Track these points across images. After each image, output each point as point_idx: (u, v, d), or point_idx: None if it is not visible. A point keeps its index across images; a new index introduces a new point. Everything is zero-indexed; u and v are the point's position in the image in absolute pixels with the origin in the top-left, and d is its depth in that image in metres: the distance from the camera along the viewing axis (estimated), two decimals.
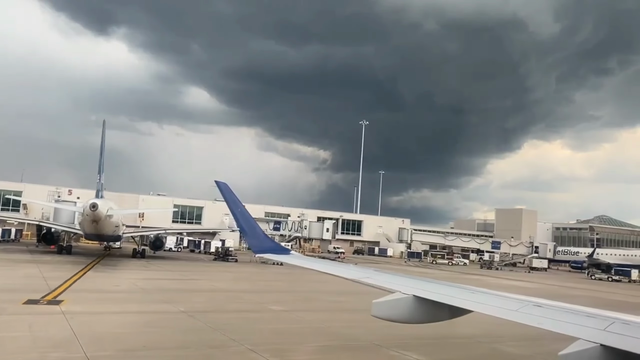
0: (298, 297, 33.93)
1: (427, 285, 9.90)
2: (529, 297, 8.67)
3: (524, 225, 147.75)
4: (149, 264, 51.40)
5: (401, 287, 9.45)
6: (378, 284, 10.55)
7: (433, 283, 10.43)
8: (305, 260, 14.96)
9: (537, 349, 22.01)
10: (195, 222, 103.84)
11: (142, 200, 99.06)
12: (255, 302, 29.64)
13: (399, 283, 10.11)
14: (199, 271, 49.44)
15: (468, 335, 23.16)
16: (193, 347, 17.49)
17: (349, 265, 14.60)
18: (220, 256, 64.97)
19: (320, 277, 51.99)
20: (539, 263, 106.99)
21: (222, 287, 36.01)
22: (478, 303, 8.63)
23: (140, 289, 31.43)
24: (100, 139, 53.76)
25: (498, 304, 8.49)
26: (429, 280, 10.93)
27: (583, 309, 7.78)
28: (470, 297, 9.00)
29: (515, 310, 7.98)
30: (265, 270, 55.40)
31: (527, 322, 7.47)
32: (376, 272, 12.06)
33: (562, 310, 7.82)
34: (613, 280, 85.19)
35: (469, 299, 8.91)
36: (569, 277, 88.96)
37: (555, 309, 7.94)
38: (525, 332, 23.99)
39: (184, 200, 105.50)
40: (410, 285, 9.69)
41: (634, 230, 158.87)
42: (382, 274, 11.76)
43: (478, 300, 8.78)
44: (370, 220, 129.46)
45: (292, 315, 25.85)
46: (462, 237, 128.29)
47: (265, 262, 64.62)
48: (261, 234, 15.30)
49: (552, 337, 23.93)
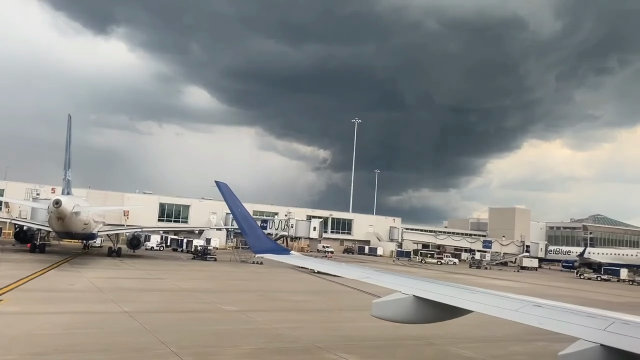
0: (261, 297, 32.86)
1: (427, 286, 9.85)
2: (529, 297, 8.66)
3: (517, 225, 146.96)
4: (122, 263, 50.35)
5: (401, 287, 9.43)
6: (378, 284, 10.53)
7: (433, 283, 10.38)
8: (306, 260, 14.86)
9: (491, 351, 21.00)
10: (182, 221, 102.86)
11: (127, 199, 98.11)
12: (210, 302, 28.57)
13: (399, 283, 10.03)
14: (171, 270, 48.37)
15: (425, 337, 22.13)
16: (113, 350, 16.48)
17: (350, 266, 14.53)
18: (198, 255, 63.83)
19: (298, 276, 51.56)
20: (529, 262, 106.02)
21: (185, 286, 34.92)
22: (478, 303, 8.59)
23: (95, 289, 30.35)
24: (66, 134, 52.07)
25: (498, 304, 8.45)
26: (429, 280, 10.89)
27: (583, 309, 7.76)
28: (470, 297, 8.98)
29: (515, 310, 7.96)
30: (241, 269, 54.35)
31: (527, 322, 7.43)
32: (376, 272, 11.95)
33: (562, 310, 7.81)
34: (602, 279, 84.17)
35: (469, 299, 8.89)
36: (558, 277, 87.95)
37: (555, 309, 7.91)
38: (486, 335, 23.17)
39: (170, 199, 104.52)
40: (410, 286, 9.65)
41: (627, 229, 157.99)
42: (383, 274, 11.63)
43: (478, 301, 8.75)
44: (361, 219, 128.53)
45: (242, 316, 24.78)
46: (453, 237, 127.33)
47: (245, 260, 63.94)
48: (261, 234, 15.24)
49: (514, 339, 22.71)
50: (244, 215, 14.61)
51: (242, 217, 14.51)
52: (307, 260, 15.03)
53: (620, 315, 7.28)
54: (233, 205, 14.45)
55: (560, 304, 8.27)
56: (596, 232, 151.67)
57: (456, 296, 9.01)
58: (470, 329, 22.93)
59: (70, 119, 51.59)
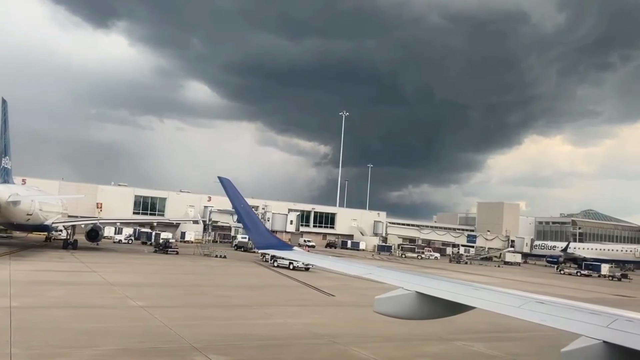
0: (187, 292, 31.00)
1: (429, 282, 9.81)
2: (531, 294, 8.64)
3: (505, 219, 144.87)
4: (70, 256, 48.50)
5: (404, 284, 9.43)
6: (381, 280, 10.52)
7: (436, 279, 10.34)
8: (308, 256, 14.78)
9: (394, 352, 19.14)
10: (158, 214, 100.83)
11: (100, 191, 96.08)
12: (121, 297, 26.69)
13: (402, 279, 10.00)
14: (117, 263, 46.47)
15: (324, 335, 20.36)
16: None
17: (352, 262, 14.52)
18: (160, 248, 61.94)
19: (255, 270, 49.23)
20: (513, 257, 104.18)
21: (113, 280, 33.02)
22: (480, 299, 8.55)
23: (4, 282, 28.39)
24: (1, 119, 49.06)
25: (500, 301, 8.40)
26: (431, 276, 10.88)
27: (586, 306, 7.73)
28: (473, 294, 8.94)
29: (518, 306, 7.92)
30: (198, 263, 52.52)
31: (530, 319, 7.43)
32: (379, 268, 11.89)
33: (564, 307, 7.77)
34: (582, 275, 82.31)
35: (472, 295, 8.86)
36: (539, 272, 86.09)
37: (557, 306, 7.87)
38: (399, 332, 21.18)
39: (146, 191, 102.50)
40: (413, 282, 9.62)
41: (618, 224, 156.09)
42: (386, 270, 11.58)
43: (480, 297, 8.71)
44: (344, 213, 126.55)
45: (141, 313, 22.95)
46: (437, 231, 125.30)
47: (209, 254, 62.14)
48: (264, 230, 15.24)
49: (422, 338, 20.40)
50: (246, 211, 14.65)
51: (245, 213, 14.57)
52: (309, 256, 14.88)
53: (624, 312, 7.22)
54: (236, 201, 14.54)
55: (563, 301, 8.17)
56: (585, 227, 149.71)
57: (459, 292, 8.97)
58: (384, 326, 21.13)
59: (6, 104, 48.94)
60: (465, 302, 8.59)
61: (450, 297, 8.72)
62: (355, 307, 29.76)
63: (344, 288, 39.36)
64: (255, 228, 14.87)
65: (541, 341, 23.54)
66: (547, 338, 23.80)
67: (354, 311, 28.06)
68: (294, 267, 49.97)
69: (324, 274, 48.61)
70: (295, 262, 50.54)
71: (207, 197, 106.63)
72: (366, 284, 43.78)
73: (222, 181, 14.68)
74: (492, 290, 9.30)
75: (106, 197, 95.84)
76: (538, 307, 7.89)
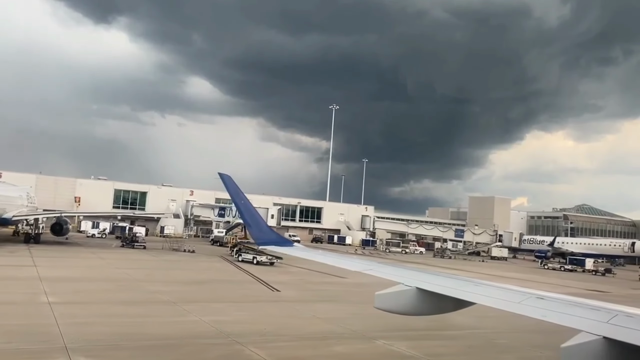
0: (117, 288, 29.59)
1: (430, 278, 9.81)
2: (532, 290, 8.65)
3: (496, 214, 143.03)
4: (24, 250, 47.17)
5: (404, 279, 9.44)
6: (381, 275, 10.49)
7: (436, 275, 10.38)
8: (308, 252, 14.70)
9: (309, 351, 17.60)
10: (139, 208, 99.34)
11: (79, 185, 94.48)
12: (36, 293, 25.06)
13: (403, 275, 9.97)
14: (67, 258, 45.08)
15: (231, 333, 18.82)
16: None
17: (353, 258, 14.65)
18: (126, 242, 60.43)
19: (218, 265, 47.31)
20: (499, 252, 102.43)
21: (46, 275, 31.49)
22: (481, 295, 8.59)
23: None
24: None
25: (501, 296, 8.45)
26: (432, 272, 10.87)
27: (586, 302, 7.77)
28: (473, 290, 8.98)
29: (518, 302, 7.98)
30: (160, 257, 51.02)
31: (530, 315, 7.46)
32: (379, 264, 11.92)
33: (565, 303, 7.82)
34: (566, 270, 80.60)
35: (472, 291, 8.89)
36: (523, 267, 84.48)
37: (558, 302, 7.92)
38: (312, 331, 19.66)
39: (126, 185, 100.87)
40: (413, 277, 9.63)
41: (611, 219, 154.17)
42: (385, 266, 11.57)
43: (481, 293, 8.75)
44: (331, 207, 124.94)
45: (43, 309, 21.48)
46: (425, 225, 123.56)
47: (177, 249, 60.62)
48: (264, 226, 15.29)
49: (342, 336, 18.76)
50: (247, 207, 14.72)
51: (245, 208, 14.65)
52: (309, 252, 14.75)
53: (624, 308, 7.22)
54: (236, 197, 14.70)
55: (563, 297, 8.21)
56: (577, 221, 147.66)
57: (459, 288, 8.99)
58: (308, 323, 19.57)
59: None
60: (466, 298, 8.60)
61: (451, 293, 8.74)
62: (295, 302, 28.23)
63: (298, 283, 37.91)
64: (256, 224, 14.82)
65: (475, 340, 22.07)
66: (482, 337, 22.34)
67: (288, 307, 26.50)
68: (258, 262, 48.51)
69: (287, 269, 47.09)
70: (258, 257, 49.18)
71: (189, 191, 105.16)
72: (327, 279, 42.43)
73: (222, 177, 14.80)
74: (492, 286, 9.20)
75: (85, 191, 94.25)
76: (538, 302, 7.85)
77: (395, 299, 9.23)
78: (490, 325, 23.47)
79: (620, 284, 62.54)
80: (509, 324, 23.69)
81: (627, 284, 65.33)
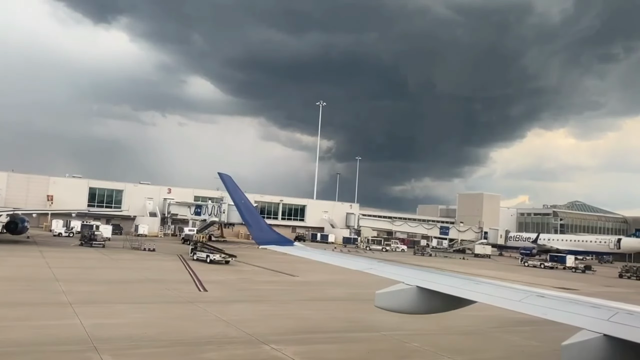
0: (24, 287, 27.91)
1: (430, 276, 9.88)
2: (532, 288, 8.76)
3: (485, 211, 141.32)
4: None
5: (405, 278, 9.49)
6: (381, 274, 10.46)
7: (437, 274, 10.39)
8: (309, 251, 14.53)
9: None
10: (115, 206, 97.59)
11: (52, 182, 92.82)
12: None
13: (403, 274, 9.96)
14: (8, 257, 42.96)
15: (101, 339, 17.01)
16: None
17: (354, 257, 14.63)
18: (85, 241, 58.63)
19: (160, 264, 45.26)
20: (482, 249, 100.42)
21: None
22: (482, 294, 8.63)
23: None
24: None
25: (502, 295, 8.49)
26: (432, 271, 10.92)
27: (587, 299, 7.80)
28: (474, 288, 9.01)
29: (519, 300, 8.02)
30: (111, 256, 49.17)
31: (531, 313, 7.51)
32: (380, 263, 11.89)
33: (565, 301, 7.86)
34: (546, 267, 78.65)
35: (473, 289, 8.94)
36: (502, 265, 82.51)
37: (558, 299, 7.94)
38: (213, 333, 17.87)
39: (101, 183, 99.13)
40: (413, 276, 9.66)
41: (602, 215, 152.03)
42: (386, 265, 11.58)
43: (482, 291, 8.79)
44: (315, 205, 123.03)
45: None
46: (409, 223, 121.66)
47: (138, 247, 58.86)
48: (264, 225, 15.20)
49: (225, 341, 16.62)
50: (247, 207, 14.75)
51: (246, 208, 14.62)
52: (310, 251, 14.57)
53: (625, 306, 7.25)
54: (236, 197, 14.66)
55: (564, 295, 8.30)
56: (567, 218, 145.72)
57: (460, 287, 9.02)
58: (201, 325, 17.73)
59: None
60: (466, 297, 8.63)
61: (451, 292, 8.77)
62: (211, 303, 26.38)
63: (236, 283, 36.10)
64: (256, 223, 14.91)
65: (384, 344, 20.21)
66: (395, 340, 20.49)
67: (198, 309, 24.63)
68: (211, 261, 46.75)
69: (240, 267, 45.37)
70: (212, 256, 47.38)
71: (167, 189, 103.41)
72: (275, 277, 40.65)
73: (222, 177, 14.83)
74: (493, 284, 9.28)
75: (58, 190, 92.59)
76: (539, 300, 7.89)
77: (396, 298, 9.22)
78: (415, 327, 21.72)
79: (595, 282, 60.64)
80: (439, 326, 21.99)
81: (604, 281, 63.46)
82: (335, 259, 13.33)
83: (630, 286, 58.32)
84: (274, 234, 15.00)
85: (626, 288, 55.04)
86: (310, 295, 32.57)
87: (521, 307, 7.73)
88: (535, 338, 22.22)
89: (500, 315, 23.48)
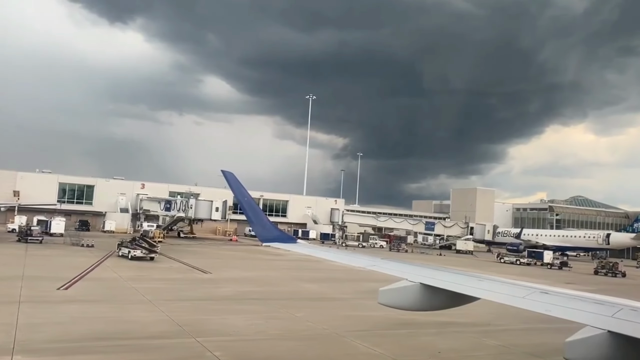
0: None
1: (434, 273, 9.85)
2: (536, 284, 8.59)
3: (479, 206, 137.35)
4: None
5: (408, 275, 9.53)
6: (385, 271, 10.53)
7: (440, 271, 10.39)
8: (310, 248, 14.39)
9: None
10: (86, 202, 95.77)
11: (20, 178, 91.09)
12: None
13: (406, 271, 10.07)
14: None
15: None
16: None
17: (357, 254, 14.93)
18: (22, 237, 56.44)
19: (84, 260, 41.90)
20: (464, 245, 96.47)
21: None
22: (485, 290, 8.58)
23: None
24: None
25: (505, 291, 8.42)
26: (436, 267, 10.97)
27: (591, 296, 7.68)
28: (477, 285, 8.98)
29: (522, 297, 7.93)
30: (42, 252, 47.09)
31: (534, 309, 7.44)
32: (383, 260, 11.71)
33: (569, 297, 7.73)
34: (522, 263, 74.63)
35: (476, 286, 8.89)
36: (478, 262, 78.66)
37: (562, 296, 7.85)
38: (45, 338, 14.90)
39: (72, 178, 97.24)
40: (417, 273, 9.71)
41: (602, 210, 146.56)
42: (389, 262, 11.50)
43: (485, 288, 8.74)
44: (297, 200, 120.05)
45: None
46: (394, 218, 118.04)
47: (77, 243, 56.53)
48: (267, 223, 15.23)
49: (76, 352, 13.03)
50: (250, 204, 14.78)
51: (249, 205, 14.66)
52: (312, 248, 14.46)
53: (629, 302, 7.17)
54: (239, 194, 14.65)
55: (567, 291, 8.13)
56: (564, 213, 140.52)
57: (463, 283, 9.04)
58: None
59: None
60: (470, 293, 8.63)
61: (455, 289, 8.77)
62: (50, 304, 23.51)
63: (122, 281, 32.96)
64: (259, 221, 14.93)
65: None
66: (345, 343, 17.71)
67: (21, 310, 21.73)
68: (132, 257, 44.09)
69: (158, 265, 42.56)
70: (133, 252, 44.73)
71: (140, 184, 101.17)
72: (187, 275, 37.60)
73: (225, 174, 14.87)
74: (496, 281, 9.24)
75: (26, 185, 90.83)
76: (542, 297, 7.85)
77: (399, 295, 9.22)
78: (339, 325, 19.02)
79: (561, 278, 56.54)
80: None
81: (573, 278, 59.37)
82: (338, 256, 13.38)
83: (596, 283, 54.33)
84: (278, 232, 15.10)
85: (589, 285, 50.99)
86: (188, 294, 28.95)
87: (525, 304, 7.69)
88: None
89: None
